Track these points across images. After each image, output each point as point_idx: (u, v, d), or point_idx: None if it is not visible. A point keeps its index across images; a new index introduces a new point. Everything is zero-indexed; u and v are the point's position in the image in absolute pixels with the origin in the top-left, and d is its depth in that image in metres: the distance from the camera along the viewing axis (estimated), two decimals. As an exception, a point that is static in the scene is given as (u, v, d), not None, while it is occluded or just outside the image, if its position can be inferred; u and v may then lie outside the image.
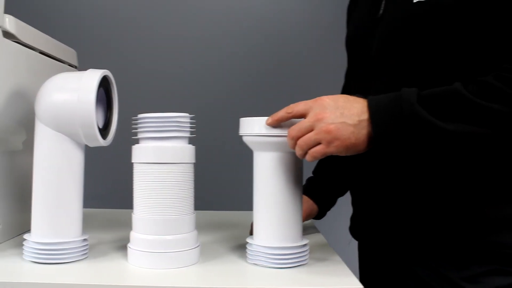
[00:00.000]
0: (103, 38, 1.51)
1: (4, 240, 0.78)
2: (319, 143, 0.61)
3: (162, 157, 0.65)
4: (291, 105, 0.64)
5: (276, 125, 0.65)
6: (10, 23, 0.69)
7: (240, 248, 0.76)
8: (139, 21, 1.52)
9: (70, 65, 0.91)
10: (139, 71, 1.50)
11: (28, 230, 0.87)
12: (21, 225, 0.85)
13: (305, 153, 0.62)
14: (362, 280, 0.70)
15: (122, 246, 0.76)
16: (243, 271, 0.66)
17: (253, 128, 0.67)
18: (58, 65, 0.86)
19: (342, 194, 0.91)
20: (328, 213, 0.92)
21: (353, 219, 0.86)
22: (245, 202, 0.90)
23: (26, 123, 0.77)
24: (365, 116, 0.61)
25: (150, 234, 0.66)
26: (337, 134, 0.60)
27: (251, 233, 0.88)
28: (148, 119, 0.66)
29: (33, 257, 0.66)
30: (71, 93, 0.64)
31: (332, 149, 0.61)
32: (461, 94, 0.58)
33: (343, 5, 0.93)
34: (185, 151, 0.67)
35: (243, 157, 0.85)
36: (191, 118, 0.68)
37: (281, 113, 0.64)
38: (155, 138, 0.66)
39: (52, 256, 0.65)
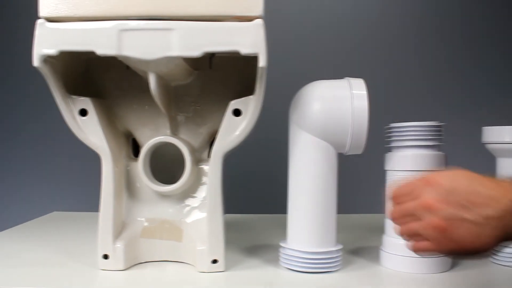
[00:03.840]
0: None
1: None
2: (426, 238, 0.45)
3: (423, 164, 0.66)
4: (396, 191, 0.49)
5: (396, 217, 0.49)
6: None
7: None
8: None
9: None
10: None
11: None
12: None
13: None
14: None
15: (352, 250, 0.76)
16: (502, 274, 0.68)
17: (502, 136, 0.69)
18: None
19: None
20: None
21: None
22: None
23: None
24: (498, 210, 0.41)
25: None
26: (450, 234, 0.43)
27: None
28: (410, 128, 0.67)
29: (297, 266, 0.66)
30: (344, 102, 0.64)
31: (443, 250, 0.45)
32: None
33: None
34: (441, 158, 0.68)
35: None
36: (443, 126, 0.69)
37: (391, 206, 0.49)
38: (411, 146, 0.67)
39: (319, 265, 0.65)
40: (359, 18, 1.23)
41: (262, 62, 0.58)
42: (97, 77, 0.72)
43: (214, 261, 0.65)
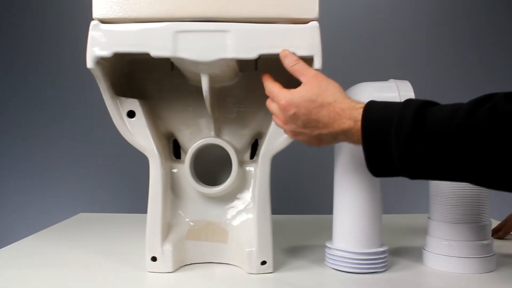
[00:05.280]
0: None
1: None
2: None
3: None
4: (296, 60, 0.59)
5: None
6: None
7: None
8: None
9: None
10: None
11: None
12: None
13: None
14: None
15: (394, 251, 0.77)
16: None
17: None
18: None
19: None
20: None
21: None
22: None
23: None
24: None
25: (453, 240, 0.68)
26: (296, 138, 0.59)
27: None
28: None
29: (344, 266, 0.66)
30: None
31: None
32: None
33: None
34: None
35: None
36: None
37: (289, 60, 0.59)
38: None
39: (367, 266, 0.66)
40: (398, 19, 1.24)
41: (317, 64, 0.58)
42: (140, 78, 0.72)
43: (263, 263, 0.65)
